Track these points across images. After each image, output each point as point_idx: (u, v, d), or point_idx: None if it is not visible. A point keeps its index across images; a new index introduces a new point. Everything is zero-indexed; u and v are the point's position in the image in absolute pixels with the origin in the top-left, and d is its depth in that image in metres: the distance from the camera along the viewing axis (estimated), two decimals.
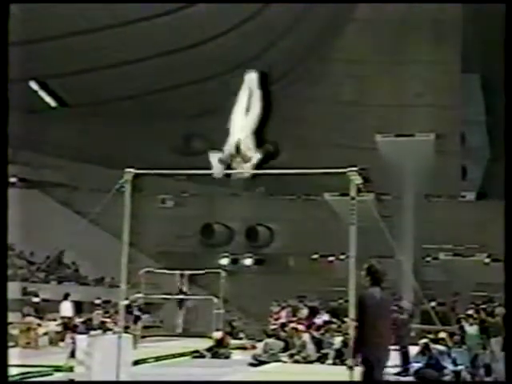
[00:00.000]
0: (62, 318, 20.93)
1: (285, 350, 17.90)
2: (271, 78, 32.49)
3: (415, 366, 14.65)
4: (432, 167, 29.43)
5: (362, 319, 6.62)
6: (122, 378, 10.33)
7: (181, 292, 26.83)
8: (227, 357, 18.43)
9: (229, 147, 8.83)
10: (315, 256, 34.04)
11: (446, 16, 30.80)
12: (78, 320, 20.52)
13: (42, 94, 30.21)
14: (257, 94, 9.21)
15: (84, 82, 29.39)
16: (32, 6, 22.14)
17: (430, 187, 31.59)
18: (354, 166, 9.89)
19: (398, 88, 31.86)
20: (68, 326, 20.15)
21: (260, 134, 9.13)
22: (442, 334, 15.12)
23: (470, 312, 16.67)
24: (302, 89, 32.56)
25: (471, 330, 15.74)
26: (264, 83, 9.62)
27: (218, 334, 19.52)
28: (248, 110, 9.10)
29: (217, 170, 9.00)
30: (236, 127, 8.95)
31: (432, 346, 14.51)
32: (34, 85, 29.53)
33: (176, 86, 30.77)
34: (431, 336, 15.44)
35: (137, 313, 20.65)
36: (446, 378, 13.79)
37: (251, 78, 9.34)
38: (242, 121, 9.02)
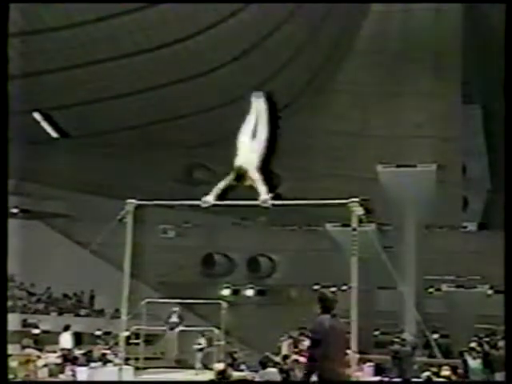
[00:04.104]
0: (62, 349, 20.74)
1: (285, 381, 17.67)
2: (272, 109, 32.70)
3: None
4: (433, 198, 29.39)
5: (313, 348, 6.67)
6: None
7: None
8: None
9: (231, 174, 8.70)
10: (317, 287, 33.82)
11: (445, 47, 30.99)
12: (78, 352, 20.32)
13: (44, 124, 30.33)
14: (263, 119, 9.02)
15: (85, 113, 29.52)
16: (35, 39, 22.36)
17: (431, 218, 31.51)
18: (356, 197, 9.86)
19: (399, 119, 31.96)
20: (68, 358, 19.95)
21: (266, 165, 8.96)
22: (445, 372, 14.88)
23: (473, 345, 16.44)
24: (303, 120, 32.66)
25: (474, 363, 15.51)
26: (272, 109, 9.46)
27: (219, 366, 19.30)
28: (255, 135, 8.91)
29: (208, 198, 8.87)
30: (243, 149, 8.77)
31: (434, 379, 14.33)
32: (37, 116, 29.65)
33: (177, 117, 30.90)
34: (434, 369, 15.23)
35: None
36: None
37: (259, 102, 9.15)
38: (250, 143, 8.82)
